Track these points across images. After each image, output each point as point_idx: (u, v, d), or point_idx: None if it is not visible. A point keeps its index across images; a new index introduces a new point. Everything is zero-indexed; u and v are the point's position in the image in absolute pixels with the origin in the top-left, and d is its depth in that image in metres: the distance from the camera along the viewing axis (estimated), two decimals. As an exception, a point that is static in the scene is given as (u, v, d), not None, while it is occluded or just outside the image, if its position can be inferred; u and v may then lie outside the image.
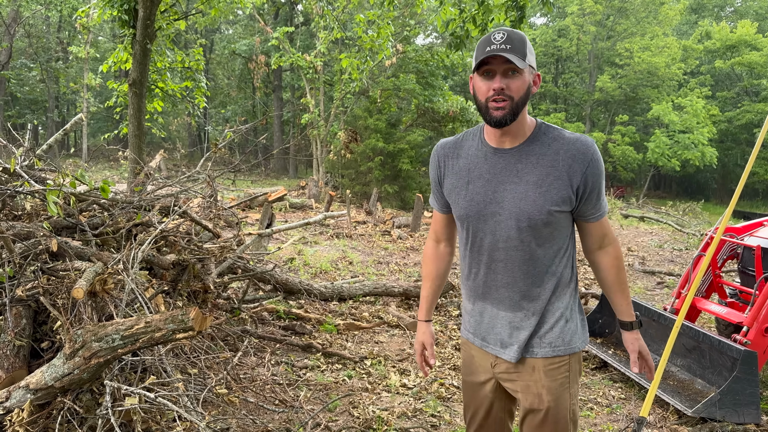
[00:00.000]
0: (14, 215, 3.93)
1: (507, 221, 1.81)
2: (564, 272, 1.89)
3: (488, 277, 1.90)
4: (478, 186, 1.86)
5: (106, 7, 6.94)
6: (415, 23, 19.88)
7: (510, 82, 1.72)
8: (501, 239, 1.84)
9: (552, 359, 1.87)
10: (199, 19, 11.75)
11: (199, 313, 2.35)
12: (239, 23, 35.52)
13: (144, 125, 6.91)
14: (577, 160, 1.76)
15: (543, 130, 1.83)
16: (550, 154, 1.79)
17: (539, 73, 1.83)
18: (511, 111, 1.73)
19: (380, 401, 3.89)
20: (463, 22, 5.97)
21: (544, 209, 1.77)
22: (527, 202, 1.78)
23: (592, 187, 1.79)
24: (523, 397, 1.91)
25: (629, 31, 36.30)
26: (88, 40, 19.96)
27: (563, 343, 1.87)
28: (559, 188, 1.77)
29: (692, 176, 39.55)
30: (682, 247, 12.43)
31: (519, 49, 1.70)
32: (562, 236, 1.86)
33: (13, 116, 30.95)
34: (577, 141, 1.79)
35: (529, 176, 1.79)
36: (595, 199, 1.83)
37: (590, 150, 1.78)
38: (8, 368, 2.71)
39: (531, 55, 1.75)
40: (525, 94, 1.75)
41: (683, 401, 3.89)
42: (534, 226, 1.79)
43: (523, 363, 1.89)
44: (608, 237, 1.93)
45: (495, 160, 1.84)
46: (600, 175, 1.80)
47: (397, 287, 6.38)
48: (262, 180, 26.95)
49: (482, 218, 1.86)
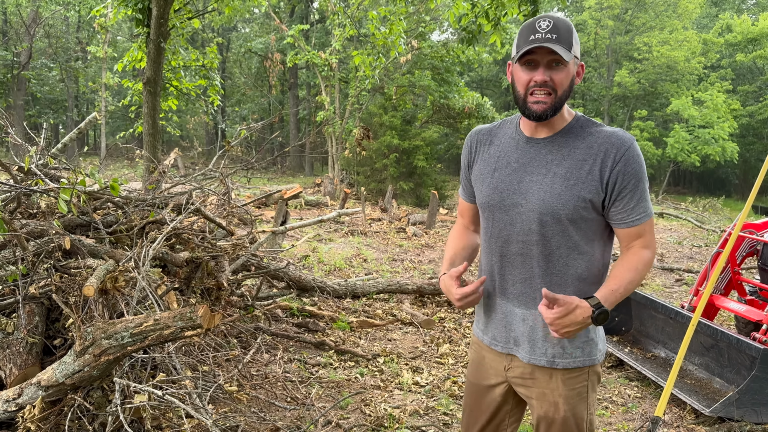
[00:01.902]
0: (30, 213, 3.97)
1: (529, 213, 1.72)
2: (590, 277, 1.75)
3: (505, 271, 1.81)
4: (504, 174, 1.78)
5: (121, 6, 6.99)
6: (430, 19, 19.78)
7: (554, 74, 1.63)
8: (521, 232, 1.74)
9: (572, 369, 1.78)
10: (215, 17, 11.80)
11: (208, 310, 2.34)
12: (255, 21, 35.63)
13: (159, 124, 6.96)
14: (609, 154, 1.65)
15: (581, 123, 1.74)
16: (583, 147, 1.69)
17: (583, 63, 1.71)
18: (553, 106, 1.65)
19: (392, 399, 3.88)
20: (475, 16, 5.91)
21: (570, 204, 1.66)
22: (552, 195, 1.68)
23: (624, 185, 1.65)
24: (538, 405, 1.82)
25: (648, 25, 35.80)
26: (107, 40, 20.16)
27: (583, 354, 1.78)
28: (588, 183, 1.66)
29: (713, 172, 38.94)
30: (701, 244, 12.24)
31: (565, 39, 1.60)
32: (590, 238, 1.73)
33: (33, 116, 31.39)
34: (612, 134, 1.67)
35: (557, 168, 1.70)
36: (628, 200, 1.67)
37: (626, 144, 1.65)
38: (21, 365, 2.74)
39: (576, 45, 1.65)
40: (569, 87, 1.66)
41: (701, 400, 3.82)
42: (558, 221, 1.69)
43: (540, 369, 1.80)
44: (644, 242, 1.73)
45: (526, 149, 1.77)
46: (636, 174, 1.65)
47: (411, 284, 6.36)
48: (278, 177, 27.04)
49: (503, 208, 1.77)
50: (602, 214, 1.72)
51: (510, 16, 5.93)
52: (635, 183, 1.66)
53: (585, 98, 41.58)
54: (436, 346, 4.98)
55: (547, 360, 1.78)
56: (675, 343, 4.55)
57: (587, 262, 1.75)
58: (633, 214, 1.69)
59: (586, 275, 1.75)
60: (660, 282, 8.23)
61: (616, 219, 1.71)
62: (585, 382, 1.80)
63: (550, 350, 1.78)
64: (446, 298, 6.37)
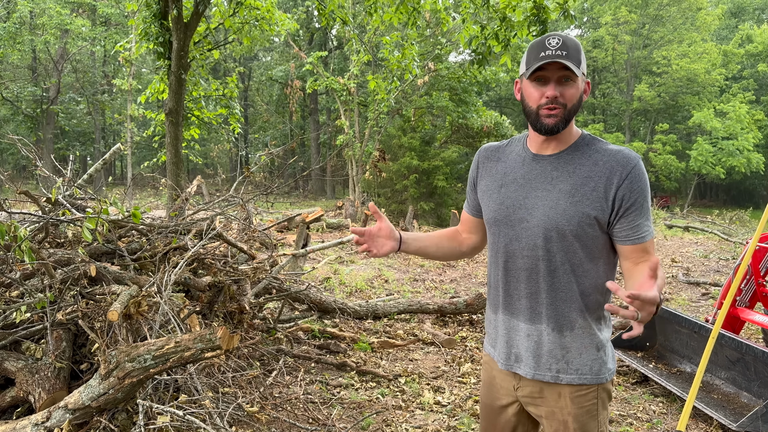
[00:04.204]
0: (57, 242, 4.11)
1: (534, 229, 1.75)
2: (595, 295, 1.76)
3: (510, 286, 1.84)
4: (510, 190, 1.82)
5: (143, 41, 7.23)
6: (446, 41, 19.99)
7: (564, 90, 1.69)
8: (527, 247, 1.77)
9: (579, 387, 1.77)
10: (235, 47, 12.09)
11: (227, 331, 2.40)
12: (275, 50, 36.37)
13: (181, 152, 7.14)
14: (615, 172, 1.68)
15: (586, 141, 1.77)
16: (588, 164, 1.72)
17: (589, 81, 1.77)
18: (564, 119, 1.70)
19: (414, 419, 3.88)
20: (485, 39, 6.00)
21: (574, 220, 1.69)
22: (557, 211, 1.71)
23: (630, 203, 1.68)
24: (548, 424, 1.82)
25: (666, 39, 35.67)
26: (131, 73, 20.72)
27: (590, 372, 1.77)
28: (593, 200, 1.69)
29: (739, 183, 38.32)
30: (728, 257, 12.03)
31: (574, 56, 1.65)
32: (595, 255, 1.75)
33: (62, 148, 32.28)
34: (618, 153, 1.71)
35: (562, 184, 1.73)
36: (634, 216, 1.69)
37: (631, 163, 1.68)
38: (49, 389, 2.82)
39: (584, 63, 1.71)
40: (578, 102, 1.71)
41: (727, 415, 3.76)
42: (563, 237, 1.72)
43: (549, 387, 1.80)
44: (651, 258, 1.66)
45: (532, 165, 1.80)
46: (640, 192, 1.68)
47: (432, 304, 6.36)
48: (300, 201, 27.31)
49: (510, 224, 1.81)
50: (606, 232, 1.74)
51: (520, 37, 6.01)
52: (642, 201, 1.68)
53: (606, 113, 41.41)
54: (458, 365, 4.97)
55: (551, 375, 1.79)
56: (700, 358, 4.47)
57: (592, 279, 1.76)
58: (639, 231, 1.70)
59: (590, 292, 1.76)
60: (686, 296, 8.11)
61: (622, 236, 1.72)
62: (594, 400, 1.79)
63: (554, 365, 1.78)
64: (467, 318, 6.37)
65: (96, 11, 28.34)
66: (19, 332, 3.11)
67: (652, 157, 33.98)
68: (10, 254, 3.07)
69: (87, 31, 26.78)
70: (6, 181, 4.46)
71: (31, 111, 28.97)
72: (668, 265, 10.94)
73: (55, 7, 23.83)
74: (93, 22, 29.23)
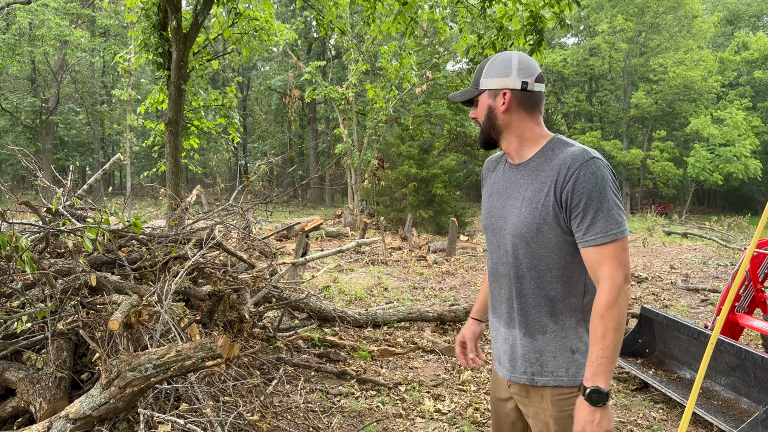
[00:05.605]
0: (57, 252, 4.12)
1: (507, 237, 1.82)
2: (568, 299, 1.77)
3: (494, 291, 1.94)
4: (494, 200, 1.92)
5: (143, 51, 7.27)
6: (443, 51, 20.10)
7: (474, 110, 1.88)
8: (504, 254, 1.85)
9: (560, 389, 1.79)
10: (234, 57, 12.14)
11: (227, 340, 2.42)
12: (274, 60, 36.50)
13: (181, 162, 7.16)
14: (562, 171, 1.68)
15: (552, 145, 1.78)
16: (547, 169, 1.74)
17: (506, 90, 1.77)
18: (482, 134, 1.87)
19: (414, 427, 3.88)
20: (482, 48, 6.05)
21: (533, 226, 1.73)
22: (520, 218, 1.76)
23: (574, 203, 1.65)
24: (533, 424, 1.88)
25: (662, 47, 35.84)
26: (130, 83, 20.80)
27: (567, 374, 1.78)
28: (547, 204, 1.70)
29: (737, 190, 38.40)
30: (727, 263, 12.05)
31: (475, 79, 1.84)
32: (566, 261, 1.74)
33: (61, 159, 32.32)
34: (570, 154, 1.69)
35: (525, 192, 1.78)
36: (581, 219, 1.65)
37: (579, 160, 1.66)
38: (50, 399, 2.83)
39: (489, 78, 1.80)
40: (487, 116, 1.83)
41: (727, 421, 3.76)
42: (527, 245, 1.76)
43: (533, 389, 1.84)
44: (603, 271, 1.65)
45: (509, 175, 1.88)
46: (586, 192, 1.63)
47: (432, 312, 6.37)
48: (299, 210, 27.32)
49: (493, 231, 1.90)
50: (570, 232, 1.73)
51: (517, 46, 6.05)
52: (587, 201, 1.63)
53: (603, 121, 41.52)
54: (458, 373, 4.97)
55: (527, 378, 1.84)
56: (699, 364, 4.49)
57: (564, 285, 1.76)
58: (589, 234, 1.65)
59: (562, 297, 1.77)
60: (685, 303, 8.12)
61: (576, 238, 1.70)
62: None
63: (529, 369, 1.83)
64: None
65: (95, 22, 28.47)
66: (20, 342, 3.12)
67: (650, 164, 34.09)
68: (11, 264, 3.09)
69: (86, 42, 26.88)
70: (6, 192, 4.48)
71: (31, 122, 29.02)
72: (667, 272, 10.95)
73: (54, 18, 23.92)
74: (92, 33, 29.34)
